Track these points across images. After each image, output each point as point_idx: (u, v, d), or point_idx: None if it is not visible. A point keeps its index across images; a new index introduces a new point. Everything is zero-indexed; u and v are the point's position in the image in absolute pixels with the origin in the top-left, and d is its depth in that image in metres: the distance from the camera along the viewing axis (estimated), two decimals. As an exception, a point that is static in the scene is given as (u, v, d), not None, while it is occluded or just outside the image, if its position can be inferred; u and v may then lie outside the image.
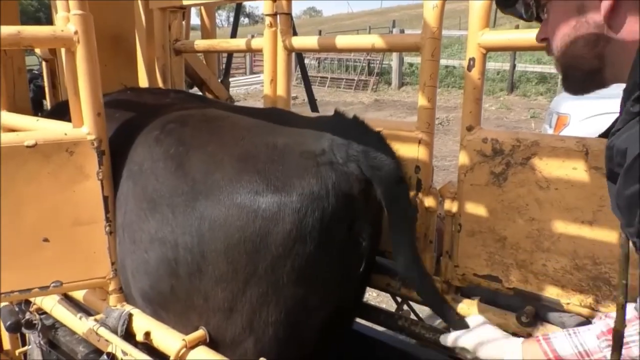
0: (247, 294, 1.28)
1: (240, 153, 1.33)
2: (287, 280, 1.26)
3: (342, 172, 1.27)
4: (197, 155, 1.38)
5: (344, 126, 1.38)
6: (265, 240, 1.23)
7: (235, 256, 1.25)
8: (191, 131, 1.47)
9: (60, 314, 1.71)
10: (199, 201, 1.30)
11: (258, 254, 1.24)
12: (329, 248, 1.28)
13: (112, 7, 2.56)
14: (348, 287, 1.45)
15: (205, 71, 2.74)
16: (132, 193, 1.46)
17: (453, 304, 1.52)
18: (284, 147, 1.31)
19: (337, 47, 1.78)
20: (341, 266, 1.35)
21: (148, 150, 1.48)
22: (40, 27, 1.43)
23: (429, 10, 1.46)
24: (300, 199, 1.22)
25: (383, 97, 16.90)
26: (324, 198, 1.24)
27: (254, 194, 1.24)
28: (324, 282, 1.32)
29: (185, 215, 1.32)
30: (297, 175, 1.25)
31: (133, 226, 1.44)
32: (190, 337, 1.34)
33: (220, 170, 1.31)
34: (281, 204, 1.22)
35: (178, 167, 1.38)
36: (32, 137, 1.39)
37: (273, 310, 1.29)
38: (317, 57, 19.68)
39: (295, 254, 1.24)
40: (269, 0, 1.86)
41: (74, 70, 1.43)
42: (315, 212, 1.23)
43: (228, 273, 1.27)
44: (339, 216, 1.28)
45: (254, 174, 1.26)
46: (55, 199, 1.43)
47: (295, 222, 1.22)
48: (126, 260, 1.49)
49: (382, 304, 3.20)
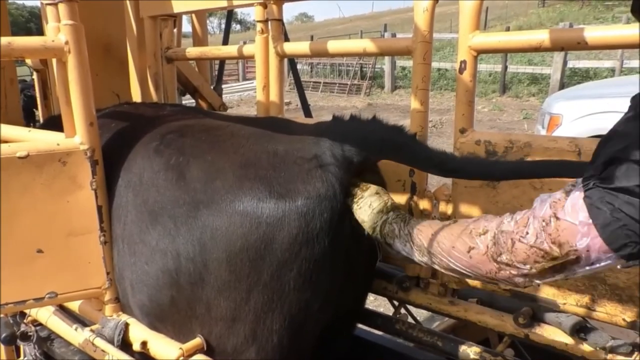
0: (251, 302, 1.26)
1: (240, 161, 1.32)
2: (294, 285, 1.25)
3: (344, 169, 1.27)
4: (197, 165, 1.37)
5: (343, 125, 1.38)
6: (270, 247, 1.22)
7: (238, 264, 1.24)
8: (191, 141, 1.46)
9: (55, 325, 1.69)
10: (200, 210, 1.29)
11: (262, 261, 1.23)
12: (336, 248, 1.27)
13: (103, 16, 2.56)
14: (352, 289, 1.44)
15: (198, 78, 2.74)
16: (133, 204, 1.45)
17: (450, 306, 1.52)
18: (285, 153, 1.30)
19: (328, 52, 1.78)
20: (346, 266, 1.34)
21: (148, 161, 1.46)
22: (30, 37, 1.42)
23: (420, 13, 1.46)
24: (306, 202, 1.22)
25: (376, 101, 16.95)
26: (332, 198, 1.24)
27: (257, 201, 1.23)
28: (329, 285, 1.31)
29: (187, 225, 1.31)
30: (301, 180, 1.24)
31: (133, 238, 1.43)
32: (187, 346, 1.34)
33: (221, 178, 1.30)
34: (286, 209, 1.21)
35: (179, 177, 1.37)
36: (24, 148, 1.39)
37: (277, 317, 1.27)
38: (310, 62, 19.75)
39: (302, 259, 1.23)
40: (260, 7, 1.87)
41: (66, 80, 1.43)
42: (323, 214, 1.22)
43: (231, 282, 1.26)
44: (345, 214, 1.27)
45: (255, 180, 1.26)
46: (48, 209, 1.42)
47: (302, 226, 1.21)
48: (125, 272, 1.48)
49: (380, 308, 3.20)
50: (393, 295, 1.67)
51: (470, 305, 1.52)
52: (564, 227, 0.81)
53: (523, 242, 0.86)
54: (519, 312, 1.38)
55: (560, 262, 0.83)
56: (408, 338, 1.60)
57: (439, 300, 1.54)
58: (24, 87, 6.11)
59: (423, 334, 1.54)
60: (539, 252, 0.84)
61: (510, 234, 0.88)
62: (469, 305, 1.52)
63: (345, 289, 1.39)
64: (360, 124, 1.36)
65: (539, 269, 0.85)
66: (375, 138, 1.31)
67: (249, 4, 1.92)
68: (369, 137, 1.31)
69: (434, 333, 1.53)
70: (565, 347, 1.33)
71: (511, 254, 0.88)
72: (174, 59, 2.33)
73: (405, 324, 1.61)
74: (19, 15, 46.58)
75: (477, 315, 1.48)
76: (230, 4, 1.95)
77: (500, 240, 0.90)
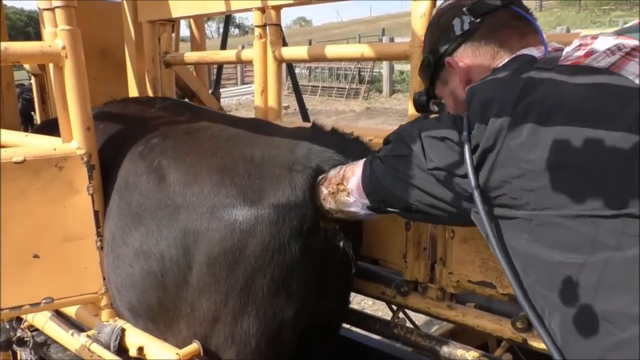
0: (229, 304, 1.29)
1: (218, 165, 1.34)
2: (267, 291, 1.27)
3: (314, 177, 1.28)
4: (177, 167, 1.39)
5: (321, 135, 1.40)
6: (243, 253, 1.25)
7: (216, 268, 1.27)
8: (172, 143, 1.48)
9: (52, 330, 1.69)
10: (181, 214, 1.32)
11: (237, 266, 1.26)
12: (308, 255, 1.29)
13: (101, 21, 2.56)
14: (328, 295, 1.45)
15: (196, 83, 2.74)
16: (117, 207, 1.47)
17: (448, 311, 1.52)
18: (261, 159, 1.32)
19: (326, 57, 1.79)
20: (321, 273, 1.35)
21: (133, 165, 1.49)
22: (27, 43, 1.43)
23: (417, 18, 1.46)
24: (276, 210, 1.24)
25: (374, 105, 16.98)
26: (301, 206, 1.25)
27: (231, 208, 1.26)
28: (304, 291, 1.32)
29: (169, 228, 1.33)
30: (272, 187, 1.26)
31: (116, 240, 1.45)
32: (184, 351, 1.33)
33: (199, 183, 1.33)
34: (258, 217, 1.24)
35: (160, 180, 1.39)
36: (20, 154, 1.38)
37: (253, 321, 1.30)
38: (308, 66, 19.77)
39: (275, 265, 1.25)
40: (258, 12, 1.87)
41: (63, 85, 1.43)
42: (293, 221, 1.25)
43: (211, 284, 1.29)
44: (317, 222, 1.29)
45: (231, 187, 1.28)
46: (45, 214, 1.42)
47: (273, 233, 1.24)
48: (110, 274, 1.49)
49: (378, 312, 3.19)
50: (391, 300, 1.67)
51: (468, 310, 1.52)
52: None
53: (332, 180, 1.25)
54: (517, 316, 1.38)
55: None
56: (406, 342, 1.59)
57: (437, 305, 1.54)
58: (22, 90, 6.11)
59: (421, 339, 1.53)
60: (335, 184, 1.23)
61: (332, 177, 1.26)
62: (467, 310, 1.52)
63: (322, 295, 1.40)
64: (338, 136, 1.40)
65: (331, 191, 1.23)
66: (354, 150, 1.33)
67: (247, 9, 1.92)
68: (346, 147, 1.34)
69: (432, 337, 1.53)
70: (563, 352, 1.33)
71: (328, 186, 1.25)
72: (172, 63, 2.33)
73: (404, 329, 1.60)
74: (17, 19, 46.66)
75: (475, 320, 1.47)
76: (228, 9, 1.96)
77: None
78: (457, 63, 1.13)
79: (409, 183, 1.02)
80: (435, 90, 1.27)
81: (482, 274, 1.42)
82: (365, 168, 1.15)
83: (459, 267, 1.47)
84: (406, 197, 1.05)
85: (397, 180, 1.05)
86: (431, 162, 0.97)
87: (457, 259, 1.47)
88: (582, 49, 0.92)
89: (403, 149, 1.03)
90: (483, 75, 1.05)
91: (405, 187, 1.04)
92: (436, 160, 0.96)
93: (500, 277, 1.40)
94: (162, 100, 1.97)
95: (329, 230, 1.32)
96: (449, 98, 1.22)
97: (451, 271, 1.49)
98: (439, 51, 1.17)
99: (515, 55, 1.05)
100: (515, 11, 1.11)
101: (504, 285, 1.39)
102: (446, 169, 0.94)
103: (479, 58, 1.11)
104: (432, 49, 1.20)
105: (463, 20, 1.12)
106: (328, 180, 1.26)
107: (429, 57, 1.20)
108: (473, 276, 1.45)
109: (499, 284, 1.40)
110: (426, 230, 1.56)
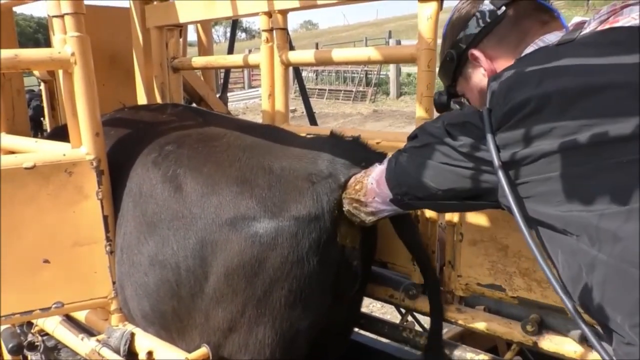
0: (246, 315, 1.29)
1: (237, 176, 1.34)
2: (284, 302, 1.27)
3: (334, 188, 1.28)
4: (193, 178, 1.39)
5: (342, 145, 1.39)
6: (262, 265, 1.25)
7: (234, 279, 1.27)
8: (188, 152, 1.47)
9: (62, 335, 1.70)
10: (199, 225, 1.32)
11: (256, 278, 1.26)
12: (325, 267, 1.29)
13: (110, 27, 2.58)
14: (342, 304, 1.45)
15: (204, 87, 2.76)
16: (132, 215, 1.47)
17: (458, 314, 1.51)
18: (281, 170, 1.31)
19: (333, 61, 1.79)
20: (336, 283, 1.35)
21: (147, 173, 1.48)
22: (37, 49, 1.44)
23: (424, 21, 1.46)
24: (296, 222, 1.24)
25: (381, 108, 16.96)
26: (321, 218, 1.25)
27: (252, 220, 1.26)
28: (319, 302, 1.33)
29: (186, 238, 1.33)
30: (293, 199, 1.26)
31: (132, 249, 1.45)
32: (193, 356, 1.34)
33: (218, 194, 1.32)
34: (278, 229, 1.24)
35: (177, 189, 1.39)
36: (30, 159, 1.40)
37: (269, 331, 1.30)
38: (315, 70, 19.80)
39: (293, 277, 1.25)
40: (264, 16, 1.88)
41: (72, 91, 1.44)
42: (312, 233, 1.25)
43: (228, 295, 1.29)
44: (335, 234, 1.29)
45: (251, 199, 1.28)
46: (55, 219, 1.43)
47: (293, 246, 1.24)
48: (125, 281, 1.49)
49: (387, 315, 3.18)
50: (400, 303, 1.66)
51: (478, 313, 1.51)
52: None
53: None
54: (527, 319, 1.37)
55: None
56: (415, 346, 1.59)
57: (446, 308, 1.53)
58: (31, 97, 6.16)
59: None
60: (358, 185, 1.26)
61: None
62: (477, 313, 1.51)
63: (336, 304, 1.40)
64: (360, 145, 1.40)
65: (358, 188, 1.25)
66: (376, 161, 1.31)
67: (254, 13, 1.93)
68: (368, 158, 1.33)
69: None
70: (574, 355, 1.31)
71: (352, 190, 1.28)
72: (180, 68, 2.35)
73: (412, 332, 1.60)
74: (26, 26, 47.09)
75: (484, 323, 1.46)
76: (235, 14, 1.96)
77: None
78: (482, 54, 1.14)
79: (433, 166, 1.03)
80: (457, 87, 1.27)
81: (491, 276, 1.42)
82: (390, 162, 1.17)
83: (467, 270, 1.47)
84: (431, 182, 1.05)
85: (422, 166, 1.05)
86: (455, 141, 0.98)
87: (466, 262, 1.46)
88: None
89: (428, 138, 1.05)
90: (507, 65, 1.05)
91: (430, 172, 1.04)
92: (460, 137, 0.97)
93: (509, 280, 1.39)
94: (173, 106, 1.97)
95: (346, 244, 1.32)
96: (472, 93, 1.22)
97: (460, 274, 1.48)
98: (462, 45, 1.17)
99: (536, 44, 1.06)
100: (535, 0, 1.12)
101: (514, 288, 1.38)
102: (470, 146, 0.96)
103: (503, 48, 1.12)
104: (454, 43, 1.20)
105: (486, 11, 1.13)
106: (351, 186, 1.27)
107: (451, 52, 1.20)
108: (482, 279, 1.44)
109: (509, 287, 1.39)
110: (434, 233, 1.56)
